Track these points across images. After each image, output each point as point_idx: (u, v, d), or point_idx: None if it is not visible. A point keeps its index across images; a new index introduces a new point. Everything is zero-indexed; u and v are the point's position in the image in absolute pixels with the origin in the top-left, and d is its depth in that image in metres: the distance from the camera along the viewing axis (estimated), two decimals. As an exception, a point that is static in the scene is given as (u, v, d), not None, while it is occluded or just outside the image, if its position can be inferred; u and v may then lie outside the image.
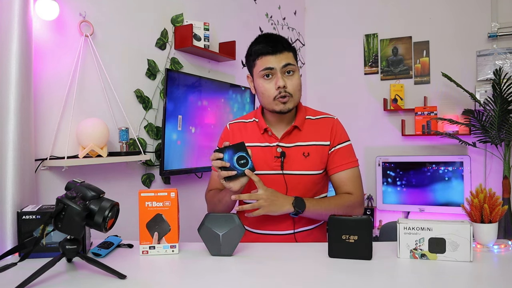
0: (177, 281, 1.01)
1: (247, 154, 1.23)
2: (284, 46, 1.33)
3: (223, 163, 1.22)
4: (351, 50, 3.77)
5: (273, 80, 1.32)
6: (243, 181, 1.25)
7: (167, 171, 2.08)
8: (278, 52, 1.31)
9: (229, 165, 1.22)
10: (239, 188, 1.25)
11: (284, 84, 1.31)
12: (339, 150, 1.40)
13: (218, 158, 1.23)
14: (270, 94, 1.33)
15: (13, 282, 0.90)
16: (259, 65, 1.33)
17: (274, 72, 1.32)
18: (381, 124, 3.65)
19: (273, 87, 1.32)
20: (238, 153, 1.23)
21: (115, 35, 1.91)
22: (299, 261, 1.10)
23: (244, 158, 1.23)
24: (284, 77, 1.32)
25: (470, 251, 1.03)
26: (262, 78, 1.34)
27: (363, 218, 1.07)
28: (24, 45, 1.32)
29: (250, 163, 1.23)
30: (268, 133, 1.41)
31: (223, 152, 1.23)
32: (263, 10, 3.22)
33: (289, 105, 1.34)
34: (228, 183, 1.25)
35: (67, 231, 0.99)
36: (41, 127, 1.57)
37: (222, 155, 1.23)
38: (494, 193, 1.16)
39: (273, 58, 1.31)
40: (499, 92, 2.87)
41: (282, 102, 1.32)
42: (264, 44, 1.32)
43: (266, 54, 1.32)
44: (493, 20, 3.27)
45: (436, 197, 3.30)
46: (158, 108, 2.15)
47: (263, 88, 1.34)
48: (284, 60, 1.32)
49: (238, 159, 1.23)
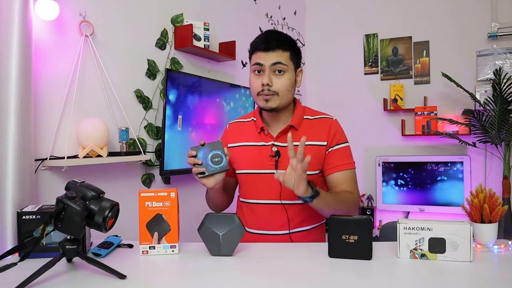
0: (177, 281, 1.01)
1: (222, 153, 1.27)
2: (278, 44, 1.33)
3: (195, 160, 1.26)
4: (351, 50, 3.77)
5: (261, 77, 1.35)
6: (218, 178, 1.28)
7: (167, 171, 2.08)
8: (270, 49, 1.33)
9: (202, 162, 1.26)
10: (213, 185, 1.28)
11: (268, 82, 1.32)
12: (336, 151, 1.39)
13: (192, 156, 1.26)
14: (255, 90, 1.36)
15: (13, 282, 0.90)
16: (252, 60, 1.38)
17: (263, 68, 1.34)
18: (381, 124, 3.65)
19: (259, 83, 1.34)
20: (213, 151, 1.27)
21: (115, 35, 1.91)
22: (299, 261, 1.10)
23: (219, 156, 1.26)
24: (272, 75, 1.33)
25: (470, 251, 1.03)
26: (253, 73, 1.37)
27: (363, 218, 1.07)
28: (24, 45, 1.32)
29: (224, 161, 1.26)
30: (264, 132, 1.42)
31: (198, 150, 1.27)
32: (263, 10, 3.22)
33: (271, 104, 1.34)
34: (202, 179, 1.28)
35: (67, 231, 0.99)
36: (41, 127, 1.57)
37: (195, 153, 1.26)
38: (494, 193, 1.16)
39: (264, 55, 1.33)
40: (499, 92, 2.87)
41: (264, 99, 1.34)
42: (259, 41, 1.35)
43: (259, 50, 1.34)
44: (493, 20, 3.27)
45: (436, 197, 3.30)
46: (158, 108, 2.15)
47: (251, 82, 1.38)
48: (275, 58, 1.32)
49: (212, 157, 1.26)
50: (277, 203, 1.37)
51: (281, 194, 1.36)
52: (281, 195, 1.36)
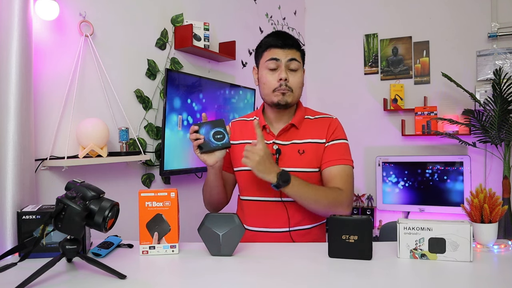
0: (177, 281, 1.01)
1: (224, 130, 1.28)
2: (293, 43, 1.38)
3: (197, 135, 1.27)
4: (351, 50, 3.77)
5: (276, 73, 1.36)
6: (219, 155, 1.30)
7: (167, 171, 2.08)
8: (286, 47, 1.36)
9: (204, 138, 1.27)
10: (214, 162, 1.30)
11: (286, 77, 1.34)
12: (333, 146, 1.39)
13: (194, 131, 1.27)
14: (271, 86, 1.36)
15: (13, 282, 0.90)
16: (266, 56, 1.38)
17: (279, 64, 1.35)
18: (381, 124, 3.65)
19: (275, 79, 1.36)
20: (215, 129, 1.28)
21: (115, 35, 1.91)
22: (299, 261, 1.10)
23: (221, 133, 1.28)
24: (287, 71, 1.36)
25: (470, 251, 1.03)
26: (267, 69, 1.37)
27: (363, 218, 1.07)
28: (24, 45, 1.32)
29: (226, 138, 1.27)
30: (266, 130, 1.43)
31: (201, 126, 1.28)
32: (263, 10, 3.22)
33: (287, 98, 1.36)
34: (203, 155, 1.28)
35: (67, 231, 0.99)
36: (41, 127, 1.57)
37: (197, 128, 1.27)
38: (494, 193, 1.16)
39: (280, 51, 1.36)
40: (499, 92, 2.87)
41: (281, 92, 1.35)
42: (275, 38, 1.38)
43: (275, 46, 1.36)
44: (493, 20, 3.27)
45: (436, 197, 3.30)
46: (158, 108, 2.15)
47: (265, 79, 1.38)
48: (290, 55, 1.36)
49: (214, 134, 1.27)
50: (277, 200, 1.38)
51: (281, 192, 1.36)
52: (281, 192, 1.36)
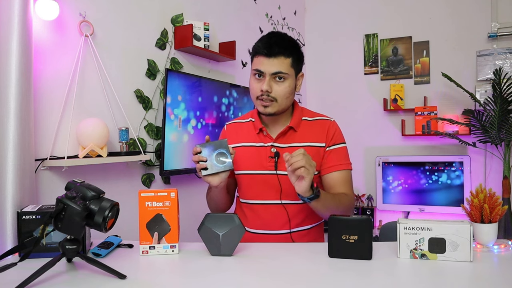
0: (177, 281, 1.01)
1: (227, 152, 1.26)
2: (280, 51, 1.30)
3: (200, 157, 1.25)
4: (351, 50, 3.77)
5: (262, 81, 1.33)
6: (223, 176, 1.28)
7: (167, 171, 2.08)
8: (272, 56, 1.30)
9: (207, 160, 1.25)
10: (218, 183, 1.28)
11: (267, 89, 1.30)
12: (333, 151, 1.39)
13: (197, 153, 1.26)
14: (254, 93, 1.35)
15: (13, 282, 0.90)
16: (254, 63, 1.36)
17: (264, 75, 1.32)
18: (381, 124, 3.65)
19: (259, 87, 1.33)
20: (218, 150, 1.26)
21: (115, 35, 1.91)
22: (299, 261, 1.10)
23: (224, 155, 1.26)
24: (272, 81, 1.32)
25: (470, 251, 1.03)
26: (253, 76, 1.36)
27: (363, 218, 1.07)
28: (24, 45, 1.32)
29: (229, 160, 1.26)
30: (263, 133, 1.42)
31: (203, 147, 1.26)
32: (263, 10, 3.22)
33: (269, 110, 1.34)
34: (207, 177, 1.27)
35: (67, 231, 0.99)
36: (41, 127, 1.57)
37: (200, 150, 1.26)
38: (494, 193, 1.16)
39: (266, 61, 1.31)
40: (499, 92, 2.87)
41: (262, 105, 1.34)
42: (262, 44, 1.32)
43: (261, 54, 1.32)
44: (493, 20, 3.26)
45: (436, 197, 3.30)
46: (158, 108, 2.15)
47: (251, 85, 1.37)
48: (275, 66, 1.30)
49: (217, 155, 1.26)
50: (277, 203, 1.37)
51: (281, 194, 1.36)
52: (281, 195, 1.36)
